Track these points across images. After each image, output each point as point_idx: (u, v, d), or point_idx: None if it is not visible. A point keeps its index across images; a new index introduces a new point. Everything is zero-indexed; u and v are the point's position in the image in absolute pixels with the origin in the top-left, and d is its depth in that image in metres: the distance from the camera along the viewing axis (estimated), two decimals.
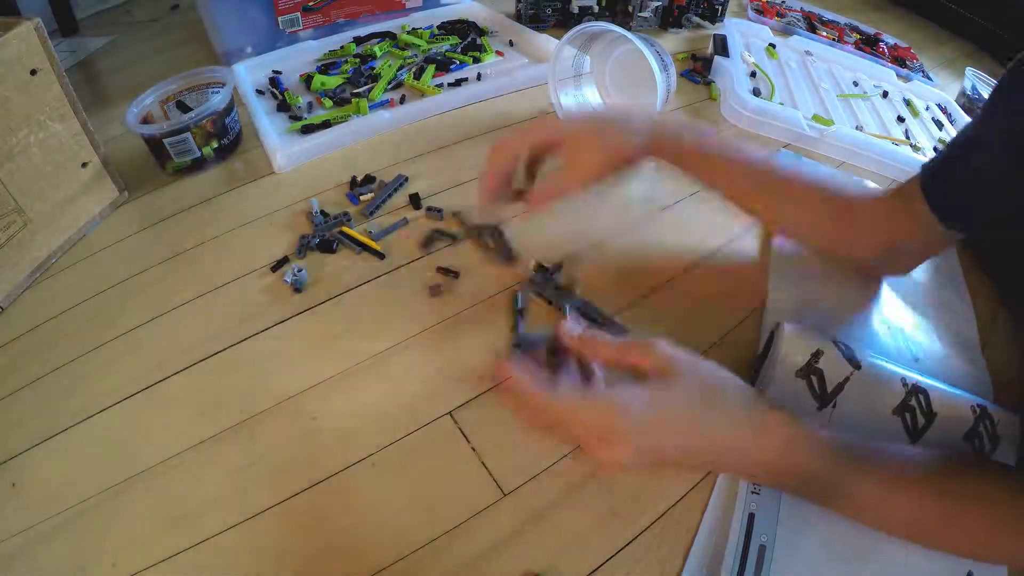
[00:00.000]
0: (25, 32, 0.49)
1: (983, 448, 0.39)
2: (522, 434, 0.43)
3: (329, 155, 0.68)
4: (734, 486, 0.39)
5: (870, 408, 0.40)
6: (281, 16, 0.84)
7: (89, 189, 0.59)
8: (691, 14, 0.99)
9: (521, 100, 0.78)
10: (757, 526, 0.37)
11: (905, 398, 0.40)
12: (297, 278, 0.52)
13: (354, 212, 0.60)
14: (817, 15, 1.11)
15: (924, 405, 0.40)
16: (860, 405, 0.40)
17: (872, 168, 0.72)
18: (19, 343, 0.50)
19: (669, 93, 0.68)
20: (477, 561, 0.37)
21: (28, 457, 0.42)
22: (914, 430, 0.40)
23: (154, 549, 0.37)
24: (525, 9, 0.95)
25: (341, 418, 0.44)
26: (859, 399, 0.40)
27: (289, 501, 0.39)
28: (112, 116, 0.75)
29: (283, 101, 0.74)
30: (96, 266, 0.56)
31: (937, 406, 0.40)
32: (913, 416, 0.40)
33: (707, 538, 0.38)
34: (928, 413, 0.40)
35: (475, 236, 0.52)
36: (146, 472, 0.41)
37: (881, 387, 0.41)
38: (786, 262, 0.55)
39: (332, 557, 0.37)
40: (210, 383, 0.46)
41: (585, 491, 0.40)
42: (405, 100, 0.76)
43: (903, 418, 0.40)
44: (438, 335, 0.49)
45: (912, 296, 0.54)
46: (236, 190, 0.64)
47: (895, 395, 0.40)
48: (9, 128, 0.49)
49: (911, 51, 1.04)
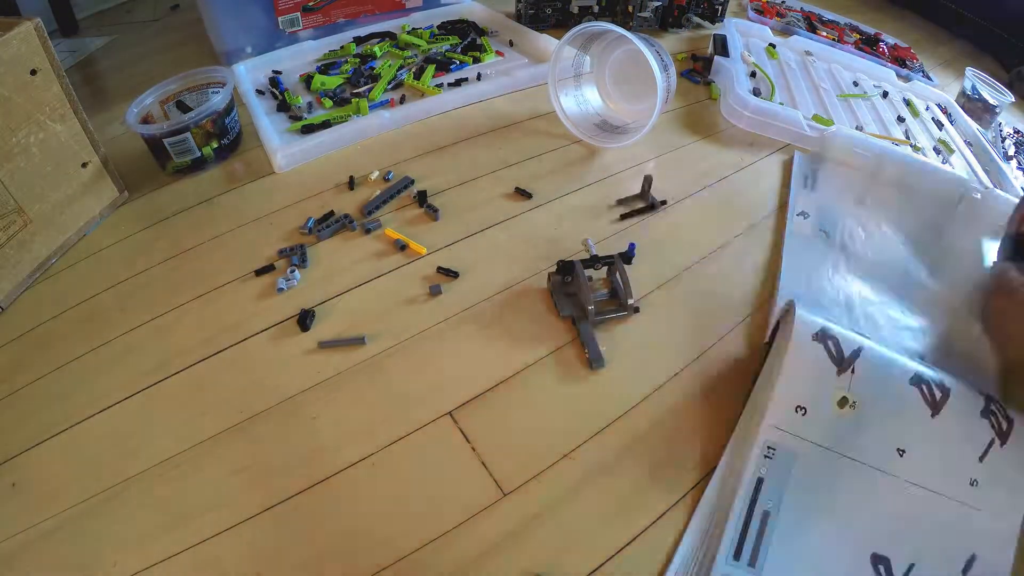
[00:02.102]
0: (25, 32, 0.49)
1: (1000, 427, 0.39)
2: (522, 434, 0.43)
3: (329, 155, 0.68)
4: (743, 453, 0.39)
5: (888, 375, 0.40)
6: (281, 16, 0.84)
7: (89, 189, 0.59)
8: (691, 14, 0.99)
9: (521, 100, 0.78)
10: (764, 491, 0.37)
11: (919, 371, 0.40)
12: (290, 281, 0.52)
13: (355, 213, 0.60)
14: (817, 15, 1.11)
15: (937, 380, 0.40)
16: (878, 372, 0.40)
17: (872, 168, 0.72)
18: (19, 343, 0.50)
19: (669, 93, 0.68)
20: (477, 561, 0.37)
21: (28, 457, 0.42)
22: (933, 402, 0.40)
23: (154, 549, 0.37)
24: (525, 9, 0.95)
25: (341, 418, 0.44)
26: (876, 366, 0.41)
27: (289, 501, 0.39)
28: (112, 116, 0.74)
29: (283, 101, 0.74)
30: (96, 266, 0.56)
31: (948, 383, 0.40)
32: (930, 389, 0.40)
33: (710, 508, 0.38)
34: (942, 387, 0.40)
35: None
36: (146, 472, 0.41)
37: (894, 359, 0.41)
38: (797, 254, 0.56)
39: (332, 557, 0.37)
40: (210, 383, 0.46)
41: (585, 491, 0.40)
42: (405, 100, 0.76)
43: (920, 389, 0.40)
44: (438, 335, 0.49)
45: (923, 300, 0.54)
46: (236, 190, 0.64)
47: (908, 368, 0.41)
48: (9, 128, 0.49)
49: (911, 51, 1.04)
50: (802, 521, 0.37)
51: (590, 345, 0.47)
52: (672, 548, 0.37)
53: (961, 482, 0.38)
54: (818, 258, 0.57)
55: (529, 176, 0.66)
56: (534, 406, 0.45)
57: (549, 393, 0.45)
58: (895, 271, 0.57)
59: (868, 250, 0.59)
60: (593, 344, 0.47)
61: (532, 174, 0.66)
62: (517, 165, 0.67)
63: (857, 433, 0.39)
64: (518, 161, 0.68)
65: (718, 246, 0.58)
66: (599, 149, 0.70)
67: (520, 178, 0.65)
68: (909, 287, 0.55)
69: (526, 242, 0.58)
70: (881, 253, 0.59)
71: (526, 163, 0.68)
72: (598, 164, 0.68)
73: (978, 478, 0.38)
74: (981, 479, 0.38)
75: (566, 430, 0.43)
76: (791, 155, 0.72)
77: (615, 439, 0.43)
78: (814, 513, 0.37)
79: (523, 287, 0.53)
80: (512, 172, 0.66)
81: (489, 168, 0.67)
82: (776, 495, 0.37)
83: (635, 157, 0.69)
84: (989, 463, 0.38)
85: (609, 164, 0.68)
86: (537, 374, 0.47)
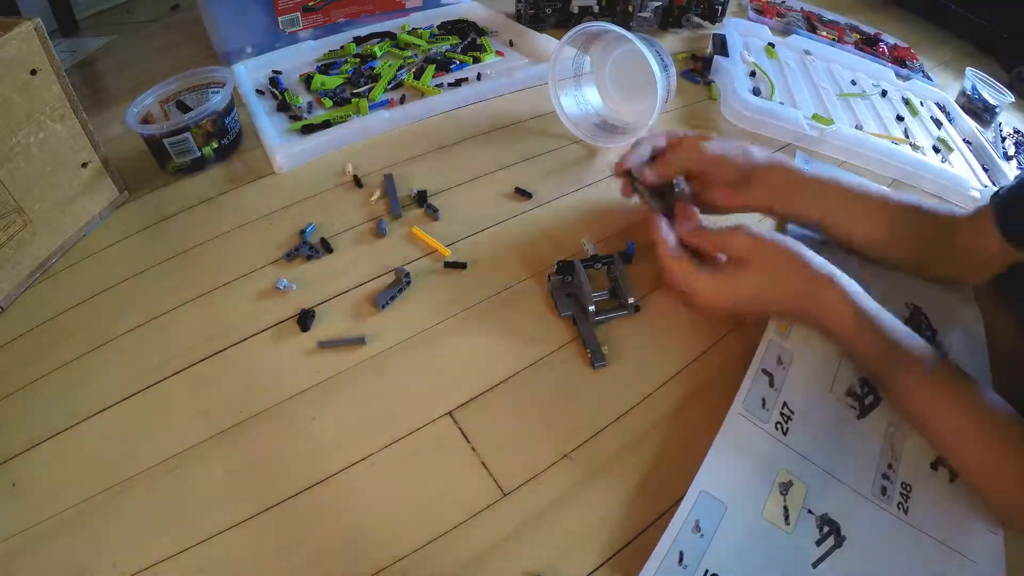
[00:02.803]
0: (25, 32, 0.49)
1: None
2: (522, 434, 0.43)
3: (329, 155, 0.68)
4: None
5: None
6: (281, 16, 0.84)
7: (89, 189, 0.59)
8: (691, 14, 0.99)
9: (521, 100, 0.79)
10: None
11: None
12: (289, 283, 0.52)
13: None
14: (817, 15, 1.11)
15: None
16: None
17: (872, 167, 0.72)
18: (19, 343, 0.50)
19: (669, 93, 0.68)
20: (477, 561, 0.37)
21: (28, 457, 0.42)
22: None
23: (154, 549, 0.37)
24: (525, 9, 0.95)
25: (341, 418, 0.44)
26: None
27: (289, 501, 0.39)
28: (112, 116, 0.74)
29: (283, 101, 0.74)
30: (96, 266, 0.56)
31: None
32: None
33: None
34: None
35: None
36: (146, 472, 0.41)
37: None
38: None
39: (332, 557, 0.37)
40: (210, 383, 0.46)
41: (585, 491, 0.40)
42: (405, 100, 0.76)
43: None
44: (438, 335, 0.49)
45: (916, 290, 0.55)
46: (236, 190, 0.64)
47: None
48: (9, 128, 0.49)
49: (911, 51, 1.04)
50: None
51: (591, 344, 0.47)
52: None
53: None
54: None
55: (529, 176, 0.66)
56: (534, 406, 0.45)
57: (549, 393, 0.45)
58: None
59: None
60: (594, 343, 0.48)
61: (532, 174, 0.66)
62: (517, 165, 0.67)
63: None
64: (518, 161, 0.68)
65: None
66: (599, 149, 0.70)
67: (520, 178, 0.65)
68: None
69: (526, 242, 0.58)
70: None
71: (526, 163, 0.68)
72: (598, 164, 0.68)
73: None
74: None
75: (566, 430, 0.43)
76: (792, 154, 0.72)
77: (615, 439, 0.43)
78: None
79: (523, 287, 0.53)
80: (512, 172, 0.66)
81: (489, 168, 0.67)
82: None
83: None
84: None
85: (609, 164, 0.68)
86: (537, 374, 0.47)
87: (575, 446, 0.42)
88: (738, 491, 0.38)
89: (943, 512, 0.40)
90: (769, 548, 0.36)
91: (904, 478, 0.41)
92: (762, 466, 0.40)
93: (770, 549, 0.36)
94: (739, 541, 0.36)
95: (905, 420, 0.43)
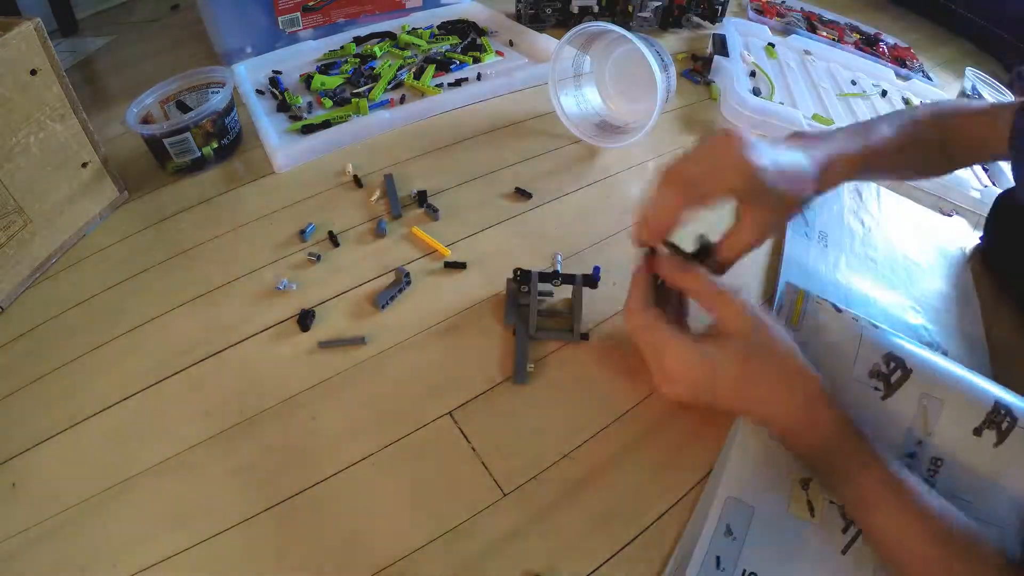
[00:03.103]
0: (25, 32, 0.49)
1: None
2: (522, 434, 0.43)
3: (329, 155, 0.68)
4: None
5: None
6: (281, 16, 0.84)
7: (89, 189, 0.59)
8: (691, 14, 0.99)
9: (521, 100, 0.78)
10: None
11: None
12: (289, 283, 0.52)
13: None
14: (817, 15, 1.11)
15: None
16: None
17: None
18: (19, 343, 0.50)
19: (669, 93, 0.68)
20: (477, 561, 0.37)
21: (28, 457, 0.42)
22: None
23: (154, 549, 0.37)
24: (525, 9, 0.95)
25: (341, 418, 0.44)
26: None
27: (289, 501, 0.39)
28: (112, 116, 0.75)
29: (283, 101, 0.74)
30: (96, 266, 0.56)
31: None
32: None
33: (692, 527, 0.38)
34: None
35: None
36: (146, 472, 0.41)
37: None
38: (798, 253, 0.56)
39: (331, 557, 0.37)
40: (210, 383, 0.46)
41: (585, 491, 0.40)
42: (405, 100, 0.76)
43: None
44: (438, 335, 0.49)
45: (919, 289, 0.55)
46: (236, 190, 0.64)
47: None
48: (9, 128, 0.49)
49: (911, 51, 1.04)
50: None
51: (518, 359, 0.46)
52: (672, 548, 0.37)
53: None
54: (817, 256, 0.57)
55: (529, 176, 0.66)
56: (534, 406, 0.45)
57: (549, 393, 0.45)
58: (895, 267, 0.58)
59: (866, 248, 0.59)
60: (521, 359, 0.46)
61: (532, 174, 0.66)
62: (517, 165, 0.67)
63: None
64: (518, 161, 0.68)
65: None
66: (599, 149, 0.70)
67: (520, 178, 0.65)
68: (909, 285, 0.56)
69: (526, 242, 0.58)
70: (879, 251, 0.59)
71: (526, 163, 0.68)
72: (598, 164, 0.68)
73: None
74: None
75: (566, 430, 0.43)
76: None
77: (615, 439, 0.43)
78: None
79: None
80: (512, 172, 0.66)
81: (489, 168, 0.67)
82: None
83: (635, 157, 0.69)
84: None
85: (609, 164, 0.68)
86: (538, 374, 0.47)
87: (575, 446, 0.42)
88: (762, 492, 0.39)
89: (972, 480, 0.38)
90: (798, 541, 0.37)
91: (935, 453, 0.39)
92: (781, 468, 0.40)
93: (800, 541, 0.37)
94: (770, 538, 0.37)
95: (859, 523, 0.37)
